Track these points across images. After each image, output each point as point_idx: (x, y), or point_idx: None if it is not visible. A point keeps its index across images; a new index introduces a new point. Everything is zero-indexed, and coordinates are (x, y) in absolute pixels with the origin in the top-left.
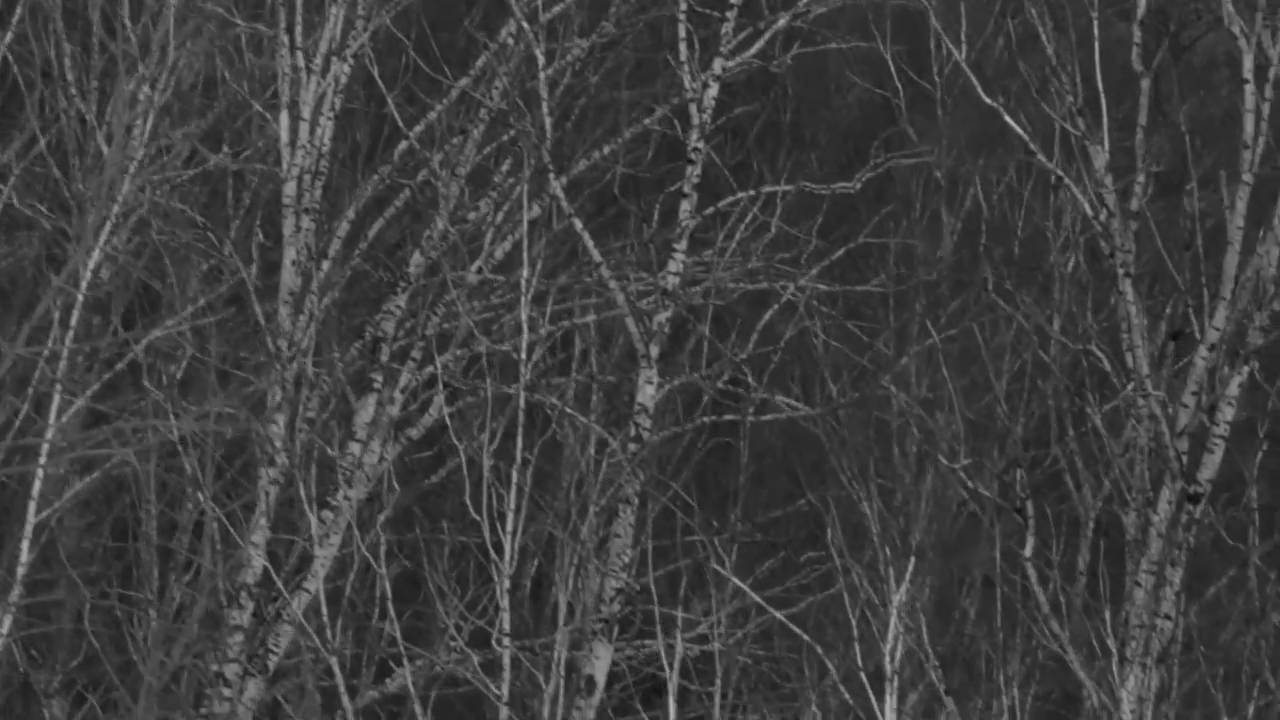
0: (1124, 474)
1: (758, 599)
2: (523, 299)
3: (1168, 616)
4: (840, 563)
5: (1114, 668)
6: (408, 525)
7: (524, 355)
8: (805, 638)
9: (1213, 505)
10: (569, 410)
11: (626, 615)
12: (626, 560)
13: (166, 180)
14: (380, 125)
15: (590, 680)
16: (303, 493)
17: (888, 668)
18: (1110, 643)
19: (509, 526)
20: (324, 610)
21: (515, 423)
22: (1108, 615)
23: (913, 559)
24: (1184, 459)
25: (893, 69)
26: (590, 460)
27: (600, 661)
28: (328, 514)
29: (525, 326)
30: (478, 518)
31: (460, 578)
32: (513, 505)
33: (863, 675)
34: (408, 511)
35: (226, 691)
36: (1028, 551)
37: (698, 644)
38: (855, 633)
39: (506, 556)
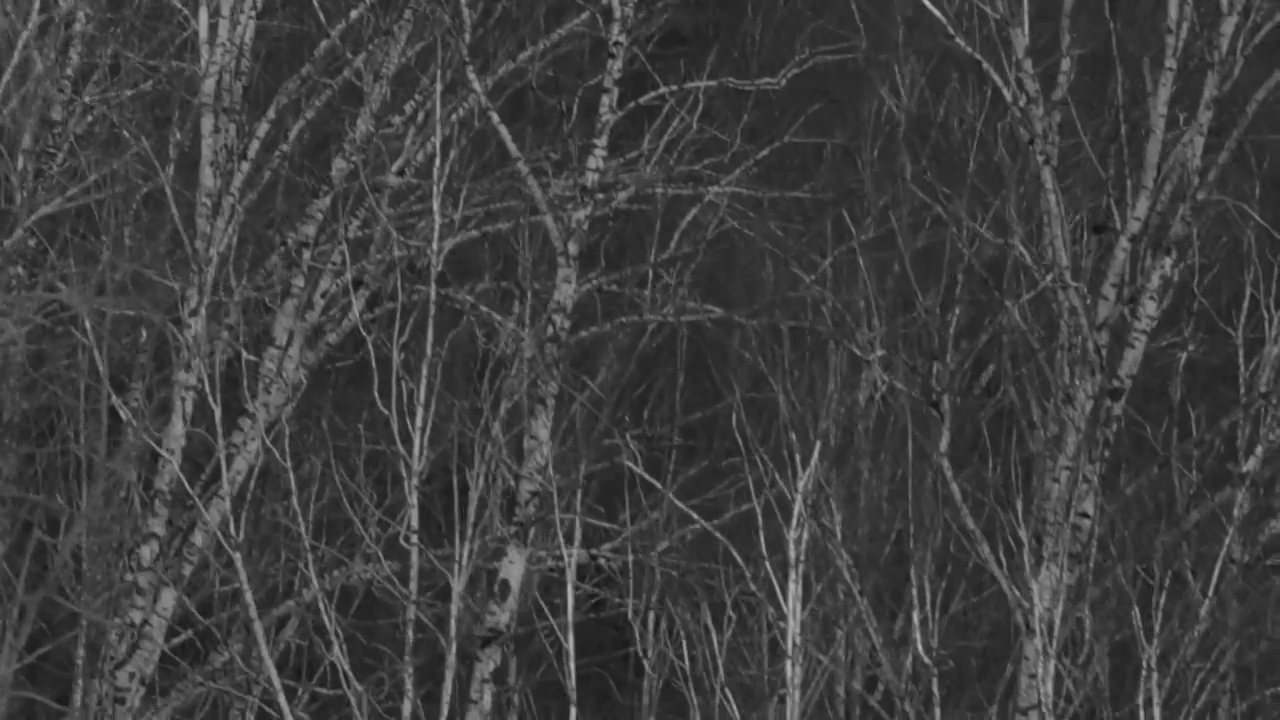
0: (1044, 368)
1: (675, 500)
2: (435, 189)
3: (1085, 514)
4: (745, 451)
5: (1027, 562)
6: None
7: (435, 247)
8: (719, 537)
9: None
10: (483, 307)
11: (544, 520)
12: (543, 463)
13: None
14: (303, 23)
15: (504, 585)
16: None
17: (791, 554)
18: (1023, 534)
19: (418, 421)
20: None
21: (426, 317)
22: (1020, 508)
23: (818, 444)
24: (1104, 353)
25: None
26: (503, 359)
27: (514, 566)
28: (245, 420)
29: (437, 216)
30: (386, 411)
31: (378, 481)
32: (422, 399)
33: (767, 565)
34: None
35: (140, 601)
36: (943, 447)
37: (618, 554)
38: (759, 523)
39: (415, 452)
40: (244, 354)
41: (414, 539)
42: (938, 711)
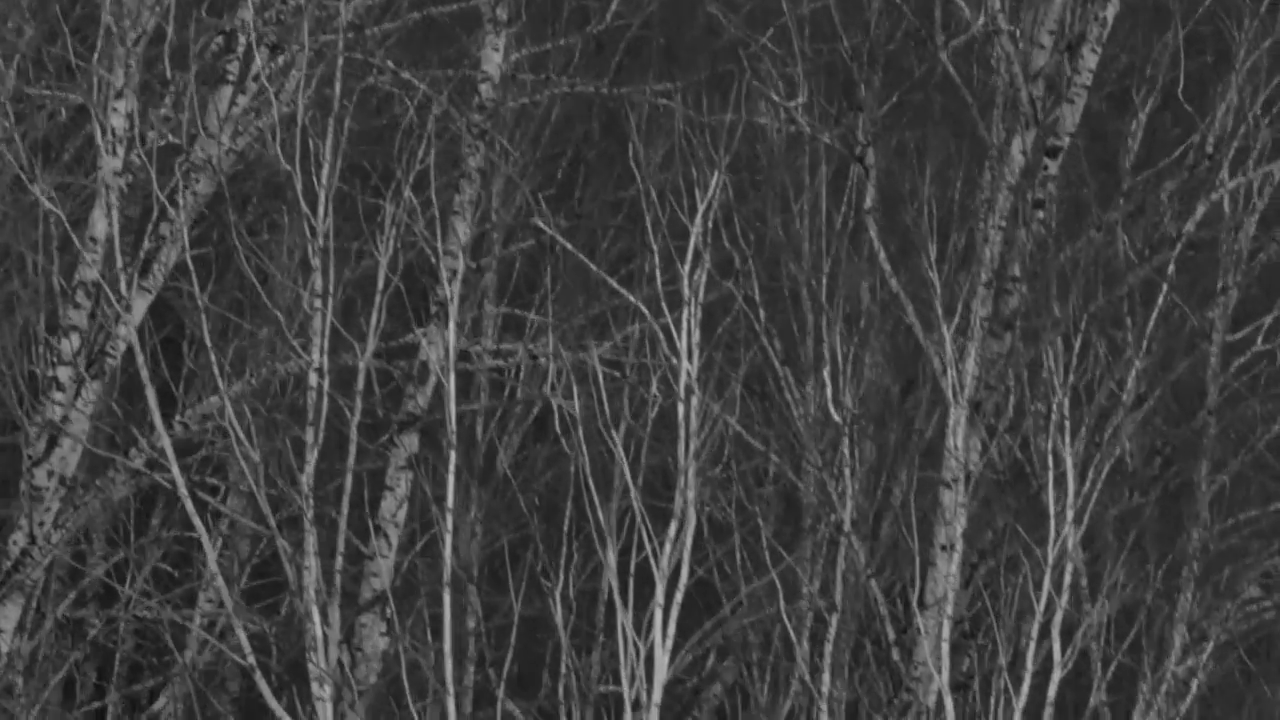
0: (977, 123)
1: (595, 268)
2: None
3: (1015, 278)
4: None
5: (946, 331)
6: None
7: None
8: (631, 300)
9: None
10: (394, 68)
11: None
12: (465, 240)
13: None
14: None
15: (424, 368)
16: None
17: (685, 291)
18: (932, 282)
19: (324, 179)
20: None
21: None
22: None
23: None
24: (1039, 106)
25: None
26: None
27: (434, 348)
28: (174, 210)
29: None
30: (289, 168)
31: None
32: (329, 157)
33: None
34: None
35: (59, 396)
36: (868, 204)
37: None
38: (655, 259)
39: (320, 211)
40: (171, 140)
41: (316, 303)
42: (847, 474)
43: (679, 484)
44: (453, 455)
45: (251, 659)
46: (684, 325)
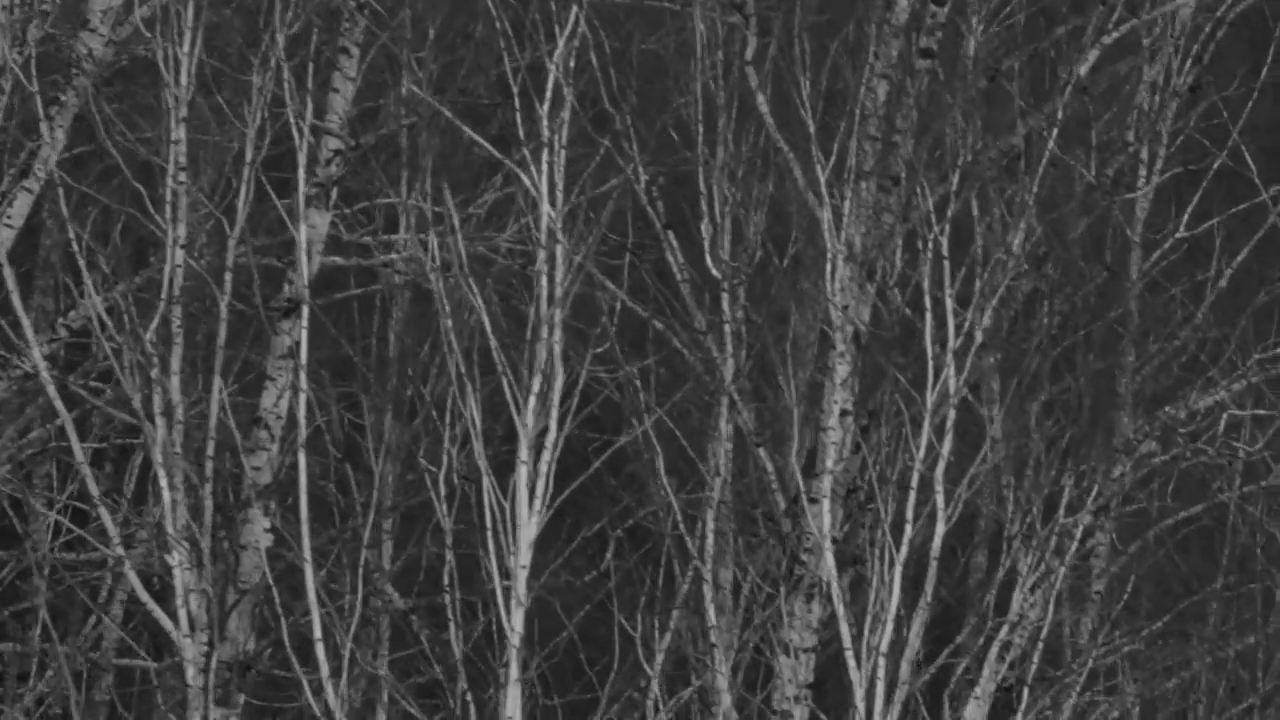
0: None
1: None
2: None
3: (898, 130)
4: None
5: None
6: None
7: None
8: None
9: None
10: None
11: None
12: (344, 116)
13: None
14: None
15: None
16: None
17: (545, 132)
18: (806, 123)
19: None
20: None
21: None
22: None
23: None
24: None
25: None
26: None
27: (315, 231)
28: (54, 109)
29: None
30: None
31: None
32: (190, 22)
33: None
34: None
35: None
36: (748, 55)
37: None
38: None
39: (183, 79)
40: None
41: (176, 179)
42: (727, 331)
43: (540, 334)
44: (304, 314)
45: (120, 550)
46: (544, 168)
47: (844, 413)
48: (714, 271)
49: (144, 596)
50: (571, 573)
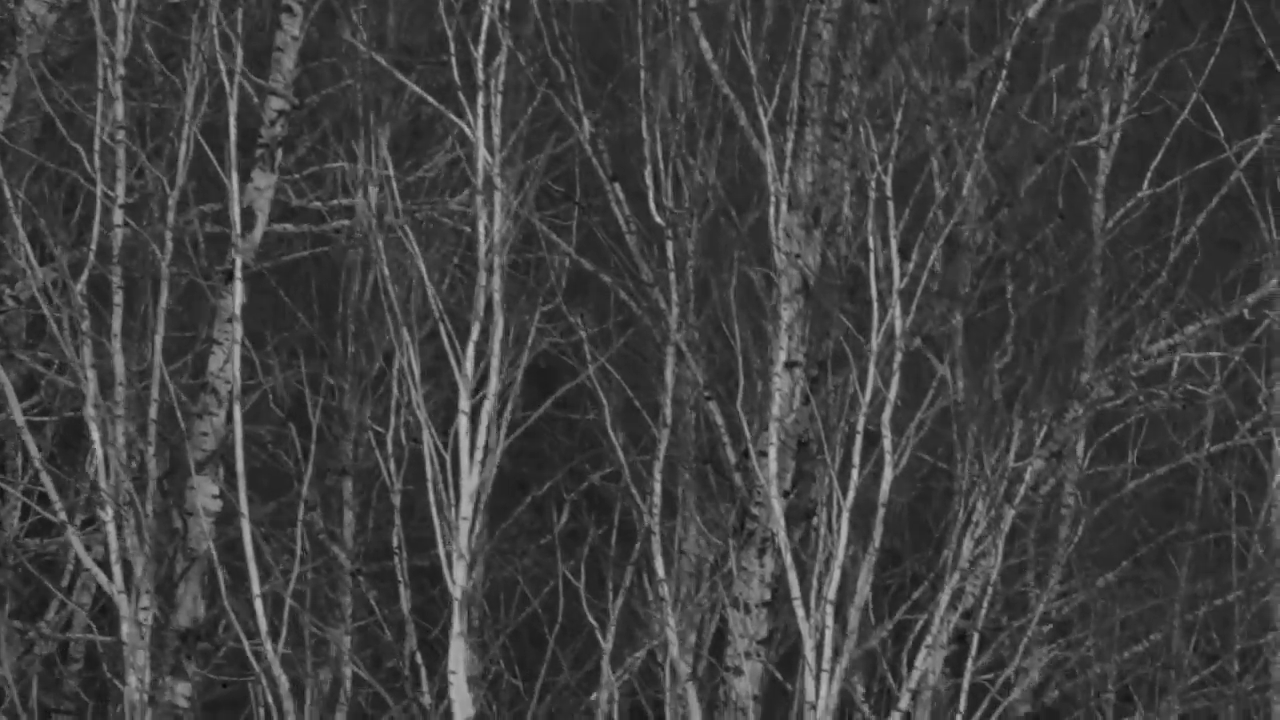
0: None
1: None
2: None
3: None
4: None
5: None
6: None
7: None
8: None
9: None
10: None
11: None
12: (289, 76)
13: None
14: None
15: (249, 213)
16: None
17: (480, 75)
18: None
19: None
20: None
21: None
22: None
23: None
24: None
25: None
26: None
27: (261, 193)
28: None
29: None
30: None
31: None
32: None
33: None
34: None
35: None
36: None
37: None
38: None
39: (119, 35)
40: None
41: (119, 134)
42: (671, 279)
43: (479, 280)
44: (236, 263)
45: (63, 514)
46: (479, 112)
47: (793, 363)
48: (657, 218)
49: (86, 561)
50: (528, 539)
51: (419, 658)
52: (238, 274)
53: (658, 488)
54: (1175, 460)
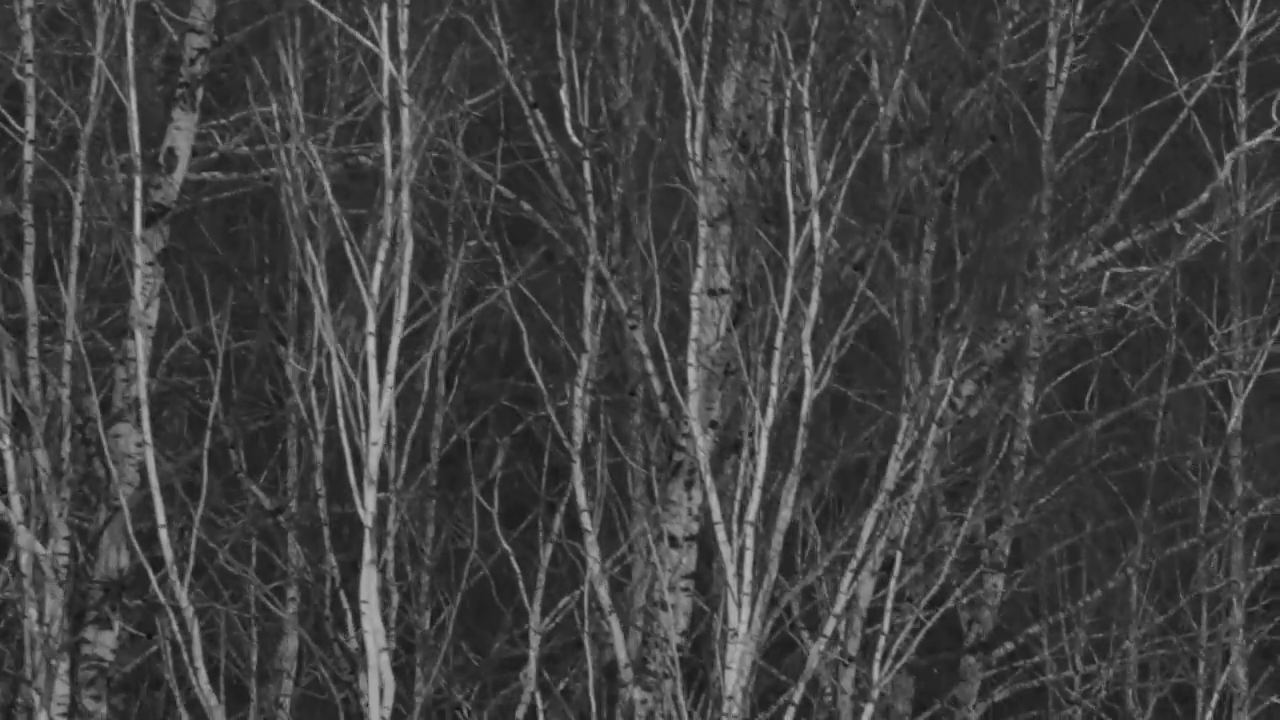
0: None
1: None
2: None
3: None
4: None
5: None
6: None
7: None
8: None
9: None
10: None
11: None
12: (208, 13)
13: None
14: None
15: (171, 154)
16: None
17: None
18: None
19: None
20: None
21: None
22: None
23: None
24: None
25: None
26: None
27: (182, 133)
28: None
29: None
30: None
31: None
32: None
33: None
34: None
35: None
36: None
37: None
38: None
39: None
40: None
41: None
42: (590, 202)
43: (385, 199)
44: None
45: None
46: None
47: (719, 290)
48: (574, 139)
49: None
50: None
51: (343, 595)
52: (137, 197)
53: (579, 414)
54: (1126, 406)
